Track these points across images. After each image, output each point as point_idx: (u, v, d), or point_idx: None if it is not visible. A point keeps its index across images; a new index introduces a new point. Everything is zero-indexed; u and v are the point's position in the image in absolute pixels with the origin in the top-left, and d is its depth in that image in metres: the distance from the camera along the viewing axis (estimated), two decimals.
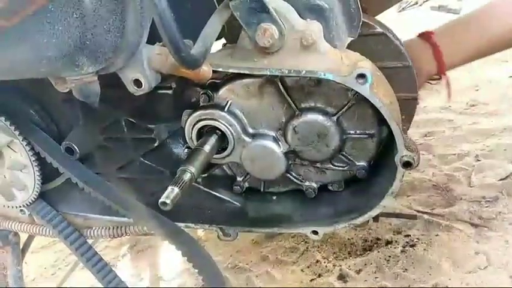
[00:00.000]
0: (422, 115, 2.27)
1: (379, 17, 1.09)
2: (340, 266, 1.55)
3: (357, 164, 0.90)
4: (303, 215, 0.97)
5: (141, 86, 0.73)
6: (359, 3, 0.80)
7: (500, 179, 1.69)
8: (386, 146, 0.88)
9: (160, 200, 0.76)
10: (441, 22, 1.32)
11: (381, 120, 0.83)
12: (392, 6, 1.45)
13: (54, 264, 2.03)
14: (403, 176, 0.79)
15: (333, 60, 0.76)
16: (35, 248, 2.06)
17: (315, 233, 0.92)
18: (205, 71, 0.71)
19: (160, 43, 0.74)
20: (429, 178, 1.82)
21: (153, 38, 0.73)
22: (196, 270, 0.97)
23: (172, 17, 0.59)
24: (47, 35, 0.64)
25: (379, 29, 0.91)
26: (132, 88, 0.74)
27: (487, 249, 1.42)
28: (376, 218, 0.96)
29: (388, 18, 1.19)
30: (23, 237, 1.42)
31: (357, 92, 0.78)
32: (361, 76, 0.72)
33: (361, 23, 0.82)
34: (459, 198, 1.68)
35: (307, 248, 1.67)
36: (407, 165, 0.77)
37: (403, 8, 3.88)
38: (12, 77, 0.78)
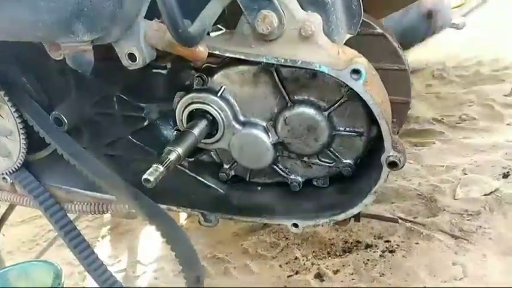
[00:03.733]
0: (415, 125, 2.29)
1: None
2: (319, 265, 1.55)
3: (344, 161, 0.91)
4: (286, 208, 0.96)
5: (136, 60, 0.73)
6: (361, 1, 0.80)
7: (485, 194, 1.71)
8: (374, 146, 0.88)
9: (143, 177, 0.75)
10: (443, 36, 1.34)
11: (371, 120, 0.83)
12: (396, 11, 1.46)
13: (33, 239, 2.01)
14: (387, 176, 0.79)
15: (330, 54, 0.76)
16: (14, 222, 2.05)
17: (296, 225, 0.92)
18: (201, 51, 0.71)
19: (159, 19, 0.73)
20: (415, 187, 1.84)
21: (153, 14, 0.73)
22: (173, 254, 0.97)
23: None
24: None
25: (378, 30, 0.91)
26: (126, 62, 0.74)
27: (465, 261, 1.44)
28: (357, 218, 0.97)
29: None
30: (2, 208, 1.42)
31: (350, 89, 0.78)
32: (356, 72, 0.72)
33: (361, 21, 0.82)
34: (442, 209, 1.69)
35: (287, 244, 1.67)
36: (392, 165, 0.77)
37: None
38: (8, 38, 0.77)
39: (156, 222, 0.97)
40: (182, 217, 1.90)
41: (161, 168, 0.76)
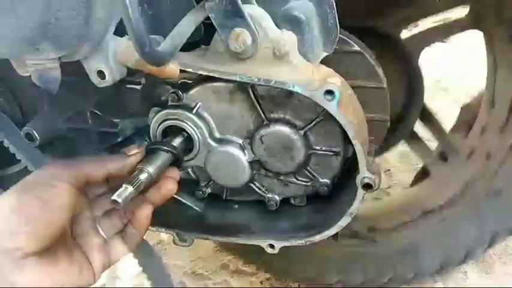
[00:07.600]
0: None
1: None
2: (300, 281, 1.53)
3: (320, 180, 0.89)
4: (262, 227, 0.95)
5: (105, 78, 0.71)
6: (337, 18, 0.79)
7: None
8: (351, 165, 0.87)
9: (111, 198, 0.73)
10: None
11: (348, 139, 0.82)
12: None
13: None
14: (363, 197, 0.78)
15: (304, 74, 0.75)
16: None
17: (272, 246, 0.91)
18: (172, 69, 0.69)
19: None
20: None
21: (124, 30, 0.71)
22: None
23: (139, 10, 0.57)
24: (8, 15, 0.61)
25: (356, 47, 0.90)
26: (95, 79, 0.72)
27: None
28: (335, 236, 0.95)
29: None
30: None
31: (325, 108, 0.77)
32: (329, 92, 0.71)
33: (337, 39, 0.81)
34: None
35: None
36: (367, 187, 0.76)
37: None
38: None
39: None
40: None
41: (130, 188, 0.73)
